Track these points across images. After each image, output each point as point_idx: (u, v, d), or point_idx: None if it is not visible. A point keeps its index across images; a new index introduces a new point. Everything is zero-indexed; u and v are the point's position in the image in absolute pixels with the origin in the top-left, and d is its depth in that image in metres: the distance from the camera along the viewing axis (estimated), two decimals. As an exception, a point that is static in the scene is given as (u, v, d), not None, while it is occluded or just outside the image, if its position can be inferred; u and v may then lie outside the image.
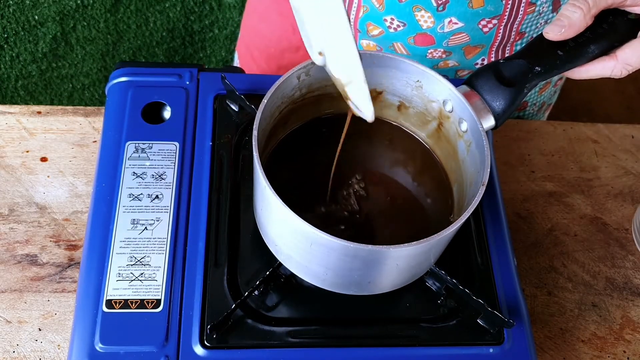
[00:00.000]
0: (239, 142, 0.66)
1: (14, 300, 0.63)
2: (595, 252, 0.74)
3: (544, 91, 0.89)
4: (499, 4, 0.72)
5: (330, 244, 0.48)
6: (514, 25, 0.75)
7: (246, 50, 0.96)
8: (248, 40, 0.95)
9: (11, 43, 1.38)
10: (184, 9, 1.47)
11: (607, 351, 0.67)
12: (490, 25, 0.74)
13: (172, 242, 0.59)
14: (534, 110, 0.92)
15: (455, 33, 0.75)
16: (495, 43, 0.77)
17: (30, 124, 0.73)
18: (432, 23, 0.74)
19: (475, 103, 0.55)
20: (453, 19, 0.73)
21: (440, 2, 0.71)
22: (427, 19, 0.74)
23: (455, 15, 0.73)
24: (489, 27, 0.75)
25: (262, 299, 0.58)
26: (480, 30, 0.75)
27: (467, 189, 0.57)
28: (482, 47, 0.78)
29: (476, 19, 0.73)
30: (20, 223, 0.67)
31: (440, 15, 0.73)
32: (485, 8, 0.72)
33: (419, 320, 0.58)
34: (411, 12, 0.73)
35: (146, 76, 0.68)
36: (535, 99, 0.90)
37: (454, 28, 0.74)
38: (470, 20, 0.74)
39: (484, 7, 0.72)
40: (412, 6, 0.73)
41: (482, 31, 0.75)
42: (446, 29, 0.74)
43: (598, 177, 0.80)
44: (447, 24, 0.74)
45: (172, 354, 0.54)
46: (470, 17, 0.73)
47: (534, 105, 0.91)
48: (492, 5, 0.72)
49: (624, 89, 1.89)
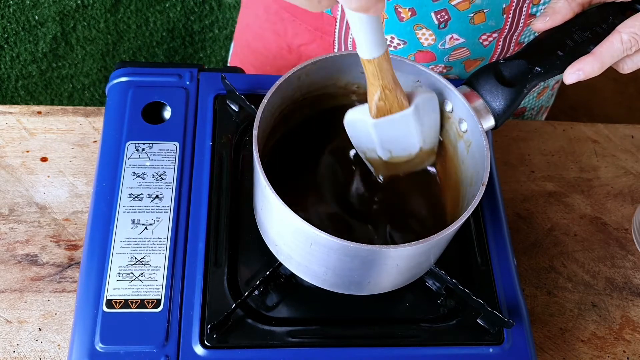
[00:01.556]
0: (239, 142, 0.66)
1: (14, 300, 0.63)
2: (595, 252, 0.74)
3: (542, 95, 0.90)
4: (500, 18, 0.72)
5: (330, 244, 0.48)
6: (513, 37, 0.75)
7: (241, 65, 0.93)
8: (242, 56, 0.93)
9: (11, 43, 1.38)
10: (184, 9, 1.47)
11: (606, 351, 0.67)
12: (491, 39, 0.74)
13: (172, 242, 0.59)
14: (532, 115, 0.92)
15: (456, 49, 0.75)
16: (495, 55, 0.77)
17: (30, 124, 0.73)
18: (433, 40, 0.74)
19: (475, 103, 0.55)
20: (454, 35, 0.73)
21: (442, 19, 0.71)
22: (428, 37, 0.73)
23: (457, 32, 0.73)
24: (490, 40, 0.74)
25: (262, 299, 0.58)
26: (481, 44, 0.75)
27: (467, 189, 0.57)
28: (482, 60, 0.78)
29: (477, 34, 0.73)
30: (20, 223, 0.67)
31: (442, 32, 0.73)
32: (487, 23, 0.72)
33: (419, 320, 0.58)
34: (412, 30, 0.73)
35: (146, 76, 0.68)
36: (534, 103, 0.90)
37: (455, 44, 0.74)
38: (471, 36, 0.73)
39: (485, 22, 0.72)
40: (414, 25, 0.72)
41: (482, 45, 0.75)
42: (447, 45, 0.74)
43: (598, 177, 0.80)
44: (448, 40, 0.74)
45: (172, 353, 0.54)
46: (471, 32, 0.73)
47: (532, 110, 0.91)
48: (493, 20, 0.72)
49: (624, 89, 1.89)
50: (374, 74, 0.52)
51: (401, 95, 0.53)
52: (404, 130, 0.55)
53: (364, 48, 0.50)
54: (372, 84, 0.52)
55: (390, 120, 0.54)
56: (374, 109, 0.54)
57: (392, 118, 0.54)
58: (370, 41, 0.49)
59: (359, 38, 0.49)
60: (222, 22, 1.51)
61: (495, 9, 0.71)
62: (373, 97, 0.53)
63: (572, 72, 0.56)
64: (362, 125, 0.55)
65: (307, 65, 0.55)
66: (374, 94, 0.53)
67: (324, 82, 0.58)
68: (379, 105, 0.53)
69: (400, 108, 0.54)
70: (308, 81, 0.57)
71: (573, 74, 0.56)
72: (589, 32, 0.57)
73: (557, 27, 0.58)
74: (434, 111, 0.56)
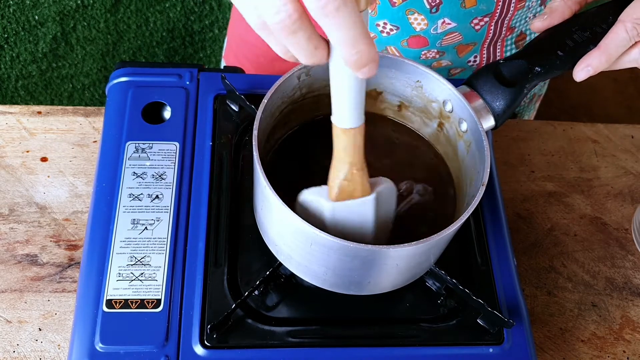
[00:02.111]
0: (239, 142, 0.66)
1: (14, 300, 0.63)
2: (595, 252, 0.74)
3: None
4: (491, 2, 0.72)
5: (330, 244, 0.48)
6: (504, 21, 0.75)
7: (235, 59, 0.94)
8: (236, 49, 0.93)
9: (11, 43, 1.38)
10: (184, 9, 1.47)
11: (606, 351, 0.67)
12: (482, 23, 0.74)
13: (172, 242, 0.59)
14: (524, 103, 0.92)
15: (449, 33, 0.75)
16: (487, 40, 0.77)
17: (30, 124, 0.73)
18: (425, 25, 0.74)
19: (475, 103, 0.55)
20: (446, 19, 0.73)
21: (434, 3, 0.71)
22: (420, 22, 0.74)
23: (448, 16, 0.73)
24: (481, 24, 0.75)
25: (262, 299, 0.58)
26: (473, 29, 0.75)
27: (467, 189, 0.57)
28: (474, 45, 0.78)
29: (469, 18, 0.74)
30: (20, 223, 0.67)
31: (434, 17, 0.73)
32: (478, 7, 0.72)
33: (419, 320, 0.58)
34: (404, 15, 0.73)
35: (146, 76, 0.68)
36: None
37: (447, 28, 0.74)
38: (463, 20, 0.74)
39: (476, 6, 0.72)
40: (406, 10, 0.73)
41: (474, 29, 0.75)
42: (439, 29, 0.74)
43: (598, 177, 0.80)
44: (441, 24, 0.74)
45: (172, 353, 0.54)
46: (463, 16, 0.73)
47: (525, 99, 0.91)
48: (484, 4, 0.72)
49: (624, 89, 1.90)
50: (345, 148, 0.47)
51: (366, 179, 0.50)
52: (360, 218, 0.51)
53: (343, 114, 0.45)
54: (340, 160, 0.48)
55: (349, 205, 0.50)
56: (335, 189, 0.50)
57: (351, 203, 0.50)
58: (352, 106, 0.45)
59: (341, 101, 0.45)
60: (222, 22, 1.51)
61: None
62: (337, 175, 0.49)
63: (580, 69, 0.55)
64: (315, 207, 0.51)
65: (307, 65, 0.55)
66: (339, 172, 0.49)
67: (324, 82, 0.58)
68: (342, 186, 0.49)
69: (363, 193, 0.50)
70: (308, 81, 0.57)
71: (582, 71, 0.55)
72: (589, 32, 0.57)
73: (557, 27, 0.58)
74: (390, 204, 0.53)
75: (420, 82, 0.58)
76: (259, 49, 0.88)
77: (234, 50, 0.94)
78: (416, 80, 0.58)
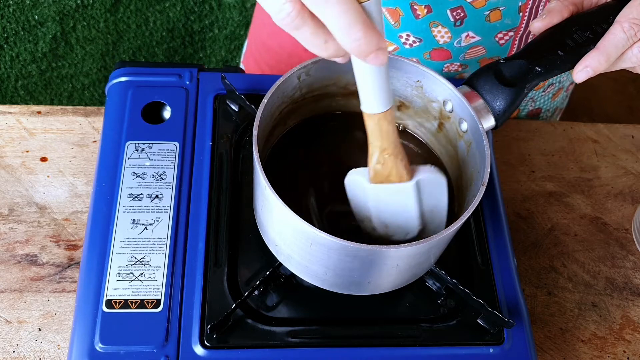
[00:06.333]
0: (239, 142, 0.66)
1: (14, 300, 0.63)
2: (595, 252, 0.74)
3: (557, 97, 0.89)
4: (516, 16, 0.72)
5: (330, 244, 0.48)
6: (529, 36, 0.75)
7: (255, 64, 0.93)
8: (257, 55, 0.92)
9: (11, 43, 1.38)
10: (184, 9, 1.47)
11: (607, 351, 0.67)
12: (507, 37, 0.74)
13: (172, 242, 0.59)
14: (547, 116, 0.91)
15: (472, 47, 0.75)
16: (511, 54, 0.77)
17: (30, 124, 0.73)
18: (449, 38, 0.73)
19: (475, 103, 0.55)
20: (470, 33, 0.73)
21: (458, 17, 0.71)
22: (444, 34, 0.73)
23: (472, 30, 0.73)
24: (505, 39, 0.74)
25: (262, 299, 0.58)
26: (497, 43, 0.75)
27: (467, 189, 0.57)
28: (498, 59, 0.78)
29: (493, 32, 0.73)
30: (20, 223, 0.67)
31: (458, 30, 0.72)
32: (503, 21, 0.72)
33: (419, 320, 0.58)
34: (428, 28, 0.73)
35: (146, 76, 0.68)
36: (549, 104, 0.89)
37: (471, 42, 0.74)
38: (487, 34, 0.73)
39: (501, 20, 0.71)
40: (429, 22, 0.72)
41: (498, 43, 0.75)
42: (463, 43, 0.74)
43: (598, 177, 0.80)
44: (464, 38, 0.73)
45: (172, 354, 0.54)
46: (487, 30, 0.73)
47: (548, 111, 0.90)
48: (509, 18, 0.72)
49: (624, 89, 1.90)
50: (372, 133, 0.48)
51: (402, 165, 0.50)
52: (402, 205, 0.51)
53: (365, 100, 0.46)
54: (370, 144, 0.49)
55: (387, 189, 0.50)
56: (371, 172, 0.51)
57: (389, 187, 0.50)
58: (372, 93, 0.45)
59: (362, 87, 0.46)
60: (222, 22, 1.51)
61: (511, 7, 0.70)
62: (371, 159, 0.50)
63: (579, 71, 0.55)
64: (359, 188, 0.52)
65: (307, 65, 0.55)
66: (372, 156, 0.50)
67: (324, 82, 0.58)
68: (376, 169, 0.50)
69: (399, 179, 0.50)
70: (308, 81, 0.57)
71: (581, 72, 0.55)
72: (589, 32, 0.57)
73: (557, 27, 0.58)
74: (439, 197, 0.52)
75: (421, 82, 0.58)
76: (280, 56, 0.87)
77: (255, 55, 0.93)
78: (416, 80, 0.58)
